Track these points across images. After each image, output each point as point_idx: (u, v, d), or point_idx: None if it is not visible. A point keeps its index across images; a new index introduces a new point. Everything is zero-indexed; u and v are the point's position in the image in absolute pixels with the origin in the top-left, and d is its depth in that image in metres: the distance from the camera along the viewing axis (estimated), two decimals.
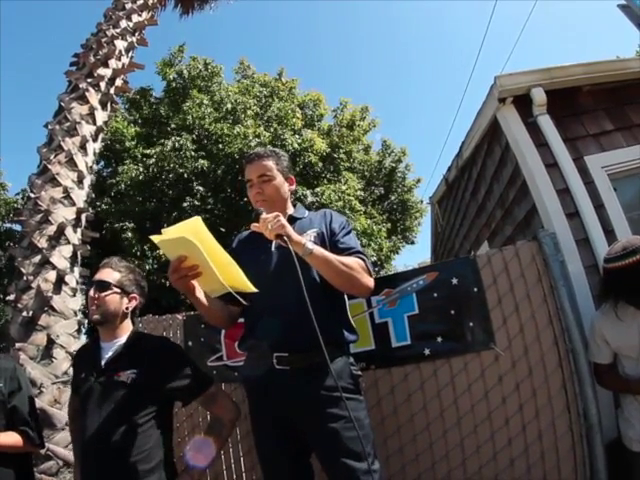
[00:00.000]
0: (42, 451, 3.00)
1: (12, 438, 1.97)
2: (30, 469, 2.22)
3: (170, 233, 1.62)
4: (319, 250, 1.80)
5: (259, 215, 1.81)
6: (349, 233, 2.06)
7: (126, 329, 2.03)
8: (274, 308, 1.87)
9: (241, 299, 1.76)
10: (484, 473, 2.39)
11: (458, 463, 2.42)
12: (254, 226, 1.82)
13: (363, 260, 1.94)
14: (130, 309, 2.06)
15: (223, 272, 1.64)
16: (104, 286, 1.99)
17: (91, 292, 1.98)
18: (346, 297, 2.06)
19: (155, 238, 1.60)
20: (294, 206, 2.22)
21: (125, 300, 2.03)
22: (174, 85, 12.32)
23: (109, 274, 2.03)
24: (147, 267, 9.43)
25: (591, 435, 2.34)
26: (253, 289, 1.70)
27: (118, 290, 2.01)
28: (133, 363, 1.89)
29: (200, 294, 1.82)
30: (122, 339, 1.99)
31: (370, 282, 1.93)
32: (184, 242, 1.56)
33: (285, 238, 1.72)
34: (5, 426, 1.97)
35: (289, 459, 1.89)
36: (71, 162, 4.41)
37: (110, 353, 1.94)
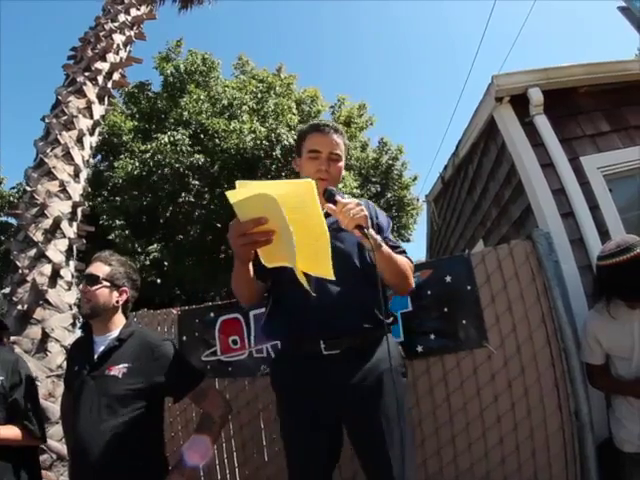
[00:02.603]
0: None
1: (11, 431, 1.96)
2: (34, 463, 2.18)
3: (258, 187, 1.31)
4: (385, 246, 1.69)
5: (332, 195, 1.64)
6: (391, 231, 1.98)
7: (118, 323, 2.04)
8: (322, 289, 1.70)
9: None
10: (475, 470, 2.40)
11: (450, 460, 2.44)
12: (330, 208, 1.61)
13: (410, 260, 1.88)
14: (121, 302, 2.06)
15: (310, 247, 1.38)
16: (93, 280, 2.00)
17: (81, 286, 1.99)
18: None
19: (232, 195, 1.29)
20: None
21: (115, 294, 2.03)
22: (171, 80, 12.30)
23: (99, 268, 2.03)
24: (139, 264, 9.41)
25: (582, 435, 2.35)
26: (332, 277, 1.45)
27: (107, 284, 2.01)
28: (125, 357, 1.90)
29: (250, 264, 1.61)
30: (114, 333, 1.99)
31: (413, 284, 1.88)
32: (271, 204, 1.27)
33: (366, 231, 1.56)
34: (5, 419, 1.97)
35: (326, 458, 1.77)
36: (67, 156, 4.38)
37: (102, 347, 1.94)
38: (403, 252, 1.88)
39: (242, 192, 1.30)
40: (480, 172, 4.25)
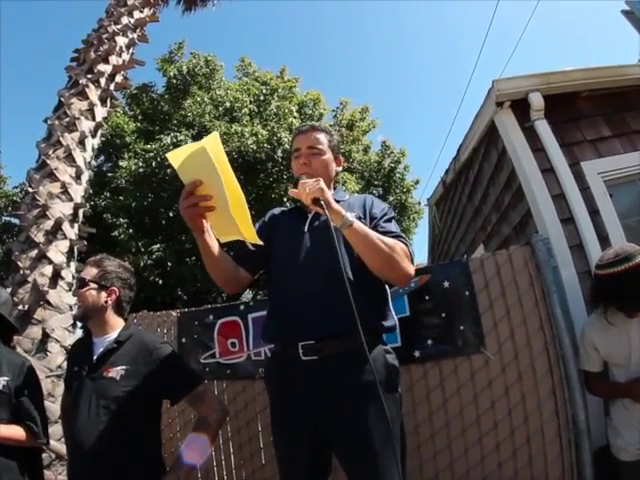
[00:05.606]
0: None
1: (15, 431, 1.95)
2: (36, 464, 2.18)
3: (187, 148, 1.42)
4: (359, 224, 1.62)
5: (298, 181, 1.66)
6: (391, 220, 1.88)
7: (115, 324, 2.04)
8: (302, 291, 1.71)
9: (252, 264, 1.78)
10: (472, 476, 2.40)
11: (446, 465, 2.43)
12: (292, 191, 1.65)
13: (405, 244, 1.75)
14: (110, 302, 2.05)
15: (236, 208, 1.42)
16: (81, 283, 2.04)
17: (74, 291, 2.03)
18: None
19: (171, 155, 1.42)
20: (334, 188, 2.05)
21: (103, 294, 2.03)
22: (174, 82, 12.35)
23: (88, 271, 2.07)
24: (141, 263, 9.43)
25: (579, 441, 2.35)
26: (258, 241, 1.52)
27: (95, 285, 2.02)
28: (123, 360, 1.90)
29: (209, 237, 1.62)
30: (113, 335, 2.00)
31: (411, 269, 1.72)
32: (202, 158, 1.34)
33: (322, 203, 1.54)
34: (9, 420, 1.97)
35: (308, 467, 1.68)
36: (69, 157, 4.43)
37: (101, 349, 1.95)
38: (398, 237, 1.76)
39: (181, 155, 1.38)
40: (481, 177, 4.25)
